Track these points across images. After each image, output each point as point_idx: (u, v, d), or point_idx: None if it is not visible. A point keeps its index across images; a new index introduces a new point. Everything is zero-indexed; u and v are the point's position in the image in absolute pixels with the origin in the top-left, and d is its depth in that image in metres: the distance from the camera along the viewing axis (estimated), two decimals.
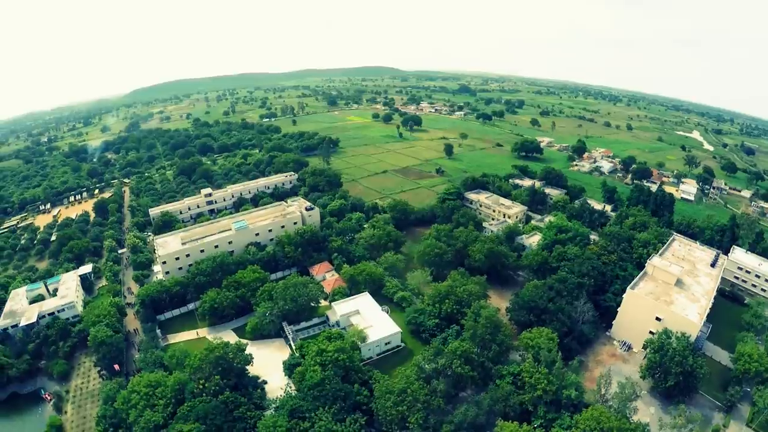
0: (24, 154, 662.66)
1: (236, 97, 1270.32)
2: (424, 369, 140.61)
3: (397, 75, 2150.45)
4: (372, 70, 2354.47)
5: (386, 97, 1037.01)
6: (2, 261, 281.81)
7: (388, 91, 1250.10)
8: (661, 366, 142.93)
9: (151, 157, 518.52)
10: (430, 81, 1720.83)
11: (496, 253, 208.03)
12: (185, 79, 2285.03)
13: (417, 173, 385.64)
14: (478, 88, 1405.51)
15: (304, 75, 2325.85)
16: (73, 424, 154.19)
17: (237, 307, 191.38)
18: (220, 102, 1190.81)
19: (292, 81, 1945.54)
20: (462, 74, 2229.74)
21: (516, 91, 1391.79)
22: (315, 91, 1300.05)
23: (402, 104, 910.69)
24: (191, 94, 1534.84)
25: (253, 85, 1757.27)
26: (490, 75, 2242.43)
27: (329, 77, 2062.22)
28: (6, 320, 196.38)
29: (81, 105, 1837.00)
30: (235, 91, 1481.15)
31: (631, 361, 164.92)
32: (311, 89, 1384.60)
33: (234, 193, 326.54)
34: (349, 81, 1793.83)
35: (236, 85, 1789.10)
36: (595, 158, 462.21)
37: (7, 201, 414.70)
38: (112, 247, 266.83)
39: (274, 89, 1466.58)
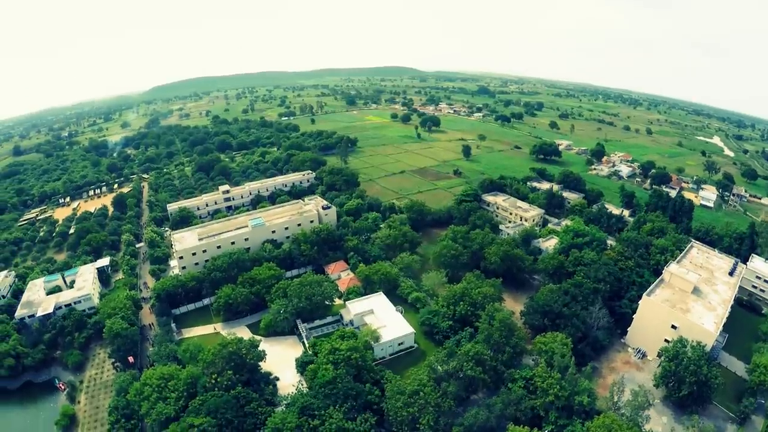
0: (44, 148, 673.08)
1: (255, 96, 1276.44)
2: (437, 371, 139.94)
3: (416, 75, 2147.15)
4: (391, 70, 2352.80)
5: (405, 98, 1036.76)
6: (21, 252, 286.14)
7: (407, 91, 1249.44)
8: (676, 375, 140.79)
9: (170, 153, 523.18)
10: (449, 82, 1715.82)
11: (511, 256, 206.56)
12: (205, 77, 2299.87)
13: (434, 174, 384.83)
14: (497, 90, 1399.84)
15: (323, 74, 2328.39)
16: (86, 414, 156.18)
17: (252, 303, 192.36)
18: (239, 100, 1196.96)
19: (312, 80, 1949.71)
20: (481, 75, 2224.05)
21: (535, 93, 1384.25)
22: (334, 91, 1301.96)
23: (420, 105, 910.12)
24: (211, 92, 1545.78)
25: (273, 83, 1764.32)
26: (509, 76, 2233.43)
27: (348, 77, 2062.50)
28: (23, 310, 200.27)
29: (102, 101, 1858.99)
30: (255, 90, 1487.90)
31: (646, 369, 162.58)
32: (330, 88, 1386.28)
33: (252, 191, 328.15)
34: (368, 81, 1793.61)
35: (256, 83, 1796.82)
36: (614, 162, 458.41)
37: (28, 194, 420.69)
38: (129, 241, 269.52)
39: (293, 88, 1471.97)
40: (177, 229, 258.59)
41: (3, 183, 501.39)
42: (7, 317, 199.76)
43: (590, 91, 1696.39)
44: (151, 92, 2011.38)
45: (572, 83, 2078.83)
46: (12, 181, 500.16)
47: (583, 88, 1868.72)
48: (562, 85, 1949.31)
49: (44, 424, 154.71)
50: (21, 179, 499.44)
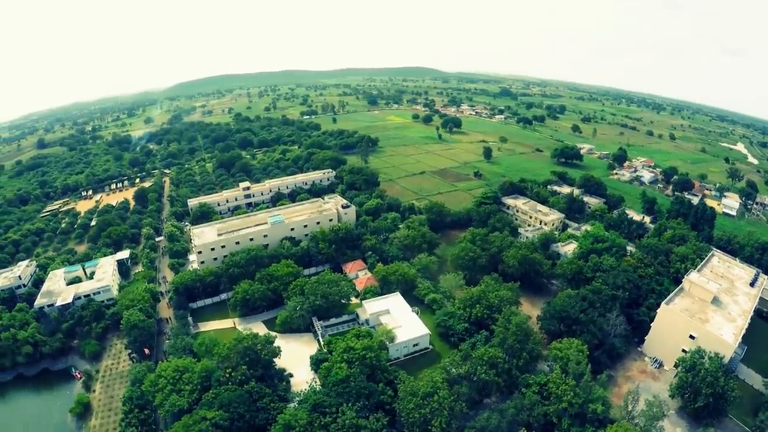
0: (68, 142, 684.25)
1: (278, 94, 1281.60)
2: (451, 373, 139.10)
3: (438, 76, 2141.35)
4: (413, 71, 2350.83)
5: (426, 98, 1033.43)
6: (43, 243, 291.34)
7: (428, 92, 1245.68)
8: (692, 386, 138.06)
9: (192, 149, 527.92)
10: (471, 83, 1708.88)
11: (530, 260, 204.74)
12: (228, 75, 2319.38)
13: (455, 175, 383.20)
14: (520, 92, 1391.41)
15: (345, 74, 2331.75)
16: (101, 403, 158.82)
17: (268, 299, 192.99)
18: (261, 98, 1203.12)
19: (334, 79, 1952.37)
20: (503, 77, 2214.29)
21: (558, 96, 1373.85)
22: (356, 90, 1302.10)
23: (442, 106, 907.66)
24: (233, 89, 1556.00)
25: (295, 82, 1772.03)
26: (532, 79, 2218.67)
27: (370, 76, 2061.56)
28: (43, 299, 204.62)
29: (125, 96, 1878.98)
30: (277, 88, 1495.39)
31: (662, 379, 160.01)
32: (352, 88, 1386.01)
33: (272, 188, 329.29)
34: (390, 81, 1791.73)
35: (278, 81, 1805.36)
36: (636, 167, 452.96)
37: (51, 186, 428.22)
38: (149, 235, 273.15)
39: (315, 87, 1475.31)
40: (197, 224, 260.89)
41: (27, 175, 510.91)
42: (26, 306, 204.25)
43: (613, 95, 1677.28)
44: (174, 89, 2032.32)
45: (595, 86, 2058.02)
46: (36, 173, 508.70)
47: (606, 91, 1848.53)
48: (585, 88, 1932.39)
49: (59, 411, 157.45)
50: (44, 172, 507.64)
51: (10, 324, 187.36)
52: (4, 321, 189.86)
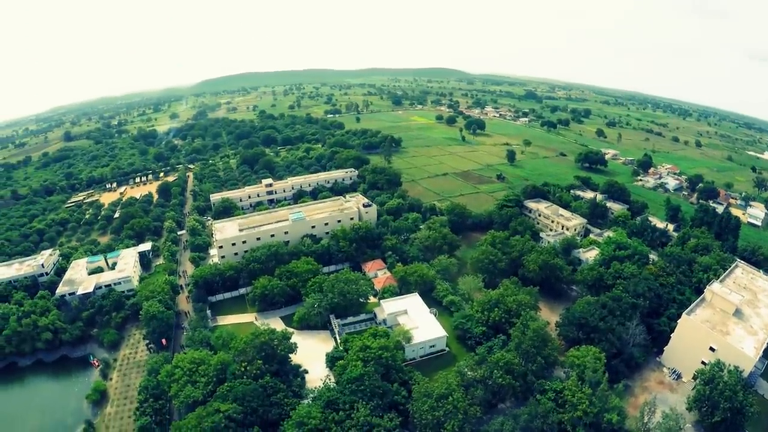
0: (94, 135, 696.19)
1: (302, 92, 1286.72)
2: (466, 376, 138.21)
3: (463, 78, 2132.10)
4: (438, 72, 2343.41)
5: (451, 100, 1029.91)
6: (66, 233, 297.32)
7: (453, 93, 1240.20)
8: (710, 399, 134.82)
9: (216, 145, 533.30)
10: (496, 85, 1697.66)
11: (551, 265, 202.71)
12: (253, 72, 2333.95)
13: (477, 178, 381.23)
14: (545, 95, 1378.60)
15: (370, 73, 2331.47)
16: (117, 391, 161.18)
17: (287, 295, 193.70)
18: (286, 96, 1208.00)
19: (359, 79, 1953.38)
20: (529, 80, 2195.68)
21: (583, 100, 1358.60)
22: (380, 90, 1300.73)
23: (466, 107, 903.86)
24: (258, 87, 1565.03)
25: (320, 81, 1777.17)
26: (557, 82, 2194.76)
27: (395, 77, 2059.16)
28: (64, 288, 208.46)
29: (152, 92, 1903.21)
30: (302, 86, 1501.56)
31: (679, 391, 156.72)
32: (377, 88, 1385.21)
33: (294, 185, 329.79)
34: (414, 81, 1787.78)
35: (303, 80, 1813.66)
36: (661, 174, 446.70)
37: (76, 178, 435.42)
38: (171, 228, 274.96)
39: (340, 86, 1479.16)
40: (218, 219, 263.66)
41: (53, 166, 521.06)
42: (48, 293, 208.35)
43: (639, 100, 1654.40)
44: (200, 85, 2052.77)
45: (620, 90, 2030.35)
46: (62, 165, 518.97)
47: (632, 96, 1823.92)
48: (611, 92, 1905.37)
49: (76, 397, 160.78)
50: (70, 164, 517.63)
51: (31, 310, 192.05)
52: (25, 307, 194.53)
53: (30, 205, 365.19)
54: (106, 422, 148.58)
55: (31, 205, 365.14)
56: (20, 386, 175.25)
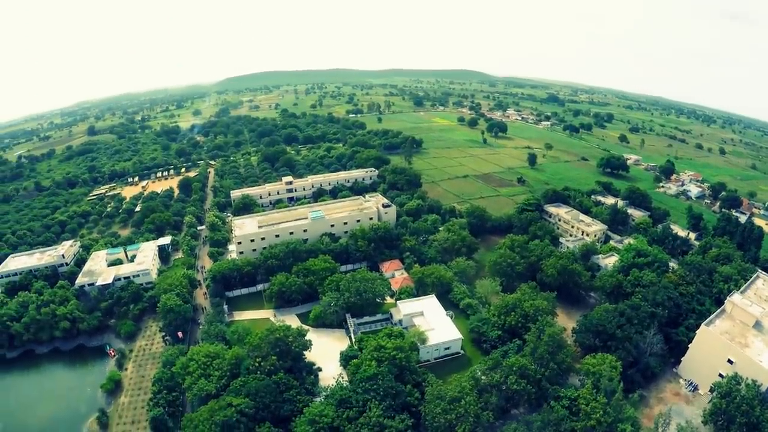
0: (118, 130, 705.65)
1: (324, 92, 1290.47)
2: (480, 380, 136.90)
3: (485, 80, 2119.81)
4: (460, 73, 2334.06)
5: (473, 102, 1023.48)
6: (88, 225, 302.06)
7: (475, 95, 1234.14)
8: (726, 413, 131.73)
9: (238, 142, 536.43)
10: (519, 88, 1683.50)
11: (569, 270, 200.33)
12: (276, 71, 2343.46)
13: (498, 181, 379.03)
14: (567, 99, 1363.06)
15: (392, 74, 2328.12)
16: (131, 381, 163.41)
17: (304, 293, 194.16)
18: (308, 95, 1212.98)
19: (381, 79, 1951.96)
20: (551, 83, 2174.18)
21: (605, 104, 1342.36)
22: (402, 91, 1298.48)
23: (488, 110, 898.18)
24: (281, 86, 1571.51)
25: (342, 80, 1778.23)
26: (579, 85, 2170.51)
27: (417, 78, 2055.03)
28: (84, 278, 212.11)
29: (175, 89, 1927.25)
30: (324, 86, 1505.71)
31: (695, 404, 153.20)
32: (398, 88, 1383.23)
33: (314, 184, 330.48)
34: (436, 82, 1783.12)
35: (325, 79, 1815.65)
36: (683, 181, 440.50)
37: (99, 171, 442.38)
38: (191, 223, 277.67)
39: (362, 86, 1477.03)
40: (238, 216, 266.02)
41: (76, 159, 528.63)
42: (68, 283, 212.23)
43: (663, 105, 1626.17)
44: (223, 83, 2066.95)
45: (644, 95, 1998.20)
46: (85, 158, 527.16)
47: (655, 101, 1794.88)
48: (634, 96, 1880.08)
49: (91, 386, 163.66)
50: (93, 157, 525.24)
51: (50, 300, 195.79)
52: (45, 296, 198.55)
53: (53, 196, 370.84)
54: (120, 411, 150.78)
55: (53, 196, 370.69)
56: (37, 373, 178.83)
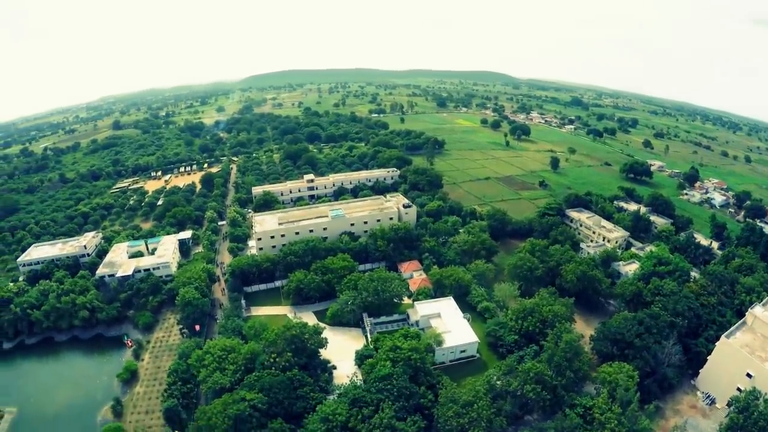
0: (142, 125, 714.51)
1: (347, 91, 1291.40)
2: (495, 385, 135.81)
3: (508, 82, 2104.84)
4: (484, 75, 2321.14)
5: (496, 104, 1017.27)
6: (110, 217, 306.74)
7: (498, 97, 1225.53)
8: (742, 429, 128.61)
9: (261, 139, 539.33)
10: (542, 91, 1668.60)
11: (589, 277, 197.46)
12: (300, 69, 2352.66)
13: (519, 184, 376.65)
14: (591, 102, 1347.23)
15: (415, 74, 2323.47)
16: (147, 372, 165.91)
17: (321, 291, 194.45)
18: (331, 94, 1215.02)
19: (404, 79, 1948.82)
20: (575, 86, 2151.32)
21: (630, 109, 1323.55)
22: (425, 91, 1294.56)
23: (511, 112, 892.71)
24: (304, 84, 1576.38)
25: (365, 80, 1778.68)
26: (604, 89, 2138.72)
27: (440, 78, 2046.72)
28: (104, 269, 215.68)
29: (199, 86, 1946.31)
30: (347, 85, 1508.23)
31: (712, 417, 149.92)
32: (422, 89, 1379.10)
33: (335, 182, 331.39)
34: (460, 84, 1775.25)
35: (349, 79, 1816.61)
36: (707, 189, 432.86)
37: (123, 165, 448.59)
38: (212, 218, 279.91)
39: (385, 86, 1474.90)
40: (259, 212, 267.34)
41: (101, 153, 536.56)
42: (88, 274, 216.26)
43: (688, 111, 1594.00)
44: (247, 80, 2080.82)
45: (669, 101, 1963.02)
46: (109, 152, 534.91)
47: (681, 106, 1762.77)
48: (659, 102, 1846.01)
49: (107, 375, 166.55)
50: (118, 151, 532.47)
51: (70, 289, 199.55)
52: (65, 285, 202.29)
53: (76, 188, 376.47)
54: (134, 401, 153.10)
55: (77, 188, 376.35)
56: (55, 360, 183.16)
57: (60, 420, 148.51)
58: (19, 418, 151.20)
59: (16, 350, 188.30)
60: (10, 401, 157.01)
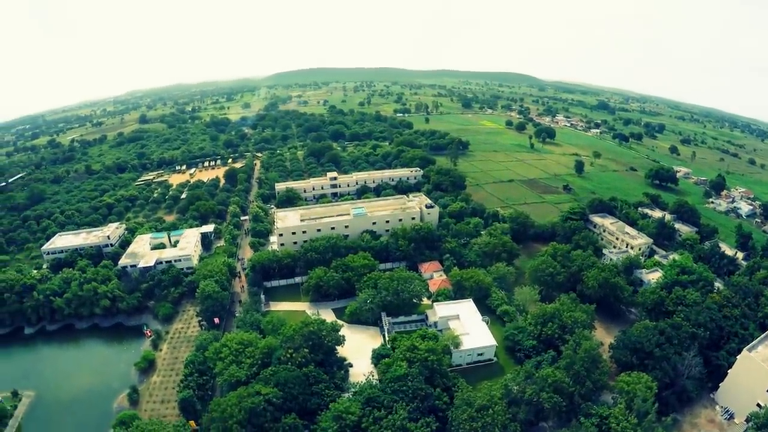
0: (168, 120, 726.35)
1: (373, 90, 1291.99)
2: (511, 391, 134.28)
3: (534, 84, 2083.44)
4: (509, 77, 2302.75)
5: (521, 106, 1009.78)
6: (134, 209, 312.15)
7: (524, 99, 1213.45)
8: None
9: (285, 136, 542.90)
10: (568, 93, 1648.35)
11: (611, 283, 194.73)
12: (326, 68, 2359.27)
13: (543, 187, 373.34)
14: (618, 106, 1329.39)
15: (441, 75, 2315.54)
16: (165, 362, 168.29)
17: (341, 288, 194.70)
18: (356, 93, 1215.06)
19: (429, 79, 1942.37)
20: (602, 89, 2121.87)
21: (657, 114, 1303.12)
22: (450, 92, 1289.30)
23: (537, 114, 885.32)
24: (330, 83, 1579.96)
25: (391, 79, 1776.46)
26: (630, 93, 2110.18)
27: (466, 79, 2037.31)
28: (127, 260, 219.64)
29: (226, 82, 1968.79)
30: (373, 84, 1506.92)
31: None
32: (447, 89, 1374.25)
33: (358, 180, 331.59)
34: (485, 85, 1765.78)
35: (374, 78, 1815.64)
36: (734, 198, 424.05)
37: (148, 158, 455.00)
38: (235, 213, 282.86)
39: (410, 86, 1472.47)
40: (281, 208, 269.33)
41: (127, 146, 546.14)
42: (111, 263, 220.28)
43: (716, 117, 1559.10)
44: (273, 77, 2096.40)
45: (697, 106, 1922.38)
46: (135, 145, 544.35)
47: (708, 112, 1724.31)
48: (686, 107, 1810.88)
49: (125, 363, 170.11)
50: (143, 144, 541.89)
51: (93, 278, 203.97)
52: (88, 274, 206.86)
53: (102, 180, 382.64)
54: (151, 390, 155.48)
55: (102, 180, 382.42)
56: (75, 347, 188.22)
57: (76, 405, 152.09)
58: (37, 402, 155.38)
59: (37, 336, 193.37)
60: (29, 385, 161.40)
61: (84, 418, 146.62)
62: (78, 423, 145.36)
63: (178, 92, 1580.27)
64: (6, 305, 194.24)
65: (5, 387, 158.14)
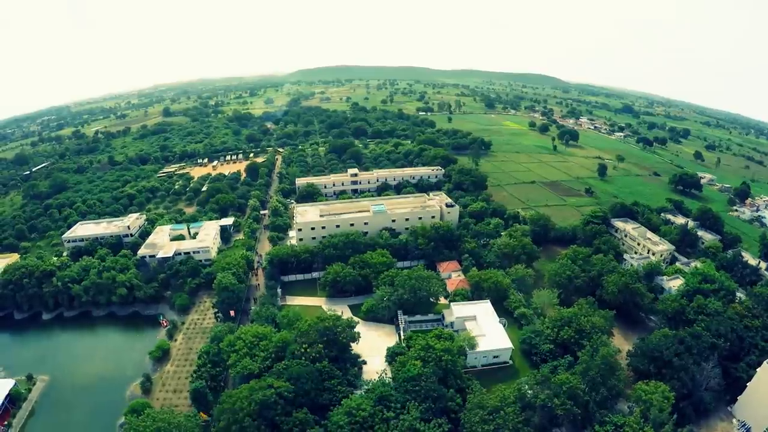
0: (192, 113, 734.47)
1: (396, 88, 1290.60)
2: (526, 395, 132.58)
3: (558, 86, 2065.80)
4: (533, 78, 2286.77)
5: (545, 107, 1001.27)
6: (155, 200, 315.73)
7: (547, 100, 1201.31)
8: None
9: (307, 132, 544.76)
10: (593, 96, 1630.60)
11: (631, 289, 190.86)
12: (349, 65, 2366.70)
13: (565, 189, 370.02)
14: (642, 110, 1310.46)
15: (464, 74, 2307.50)
16: (179, 352, 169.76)
17: (358, 285, 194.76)
18: (379, 90, 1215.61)
19: (453, 79, 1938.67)
20: (626, 92, 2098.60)
21: (682, 119, 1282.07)
22: (474, 92, 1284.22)
23: (560, 116, 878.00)
24: (353, 80, 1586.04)
25: (414, 78, 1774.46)
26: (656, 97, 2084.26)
27: (490, 79, 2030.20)
28: (146, 250, 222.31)
29: (249, 77, 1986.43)
30: (396, 82, 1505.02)
31: None
32: (470, 89, 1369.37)
33: (379, 178, 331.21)
34: (509, 85, 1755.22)
35: (397, 76, 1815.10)
36: (758, 206, 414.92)
37: (170, 150, 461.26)
38: (255, 207, 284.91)
39: (433, 85, 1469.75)
40: (301, 203, 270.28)
41: (150, 138, 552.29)
42: (130, 253, 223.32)
43: (742, 124, 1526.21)
44: (296, 74, 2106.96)
45: (723, 112, 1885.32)
46: (158, 137, 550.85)
47: (734, 118, 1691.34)
48: (712, 112, 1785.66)
49: (140, 352, 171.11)
50: (166, 137, 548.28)
51: (111, 266, 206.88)
52: (107, 263, 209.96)
53: (124, 171, 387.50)
54: (164, 379, 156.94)
55: (125, 171, 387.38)
56: (91, 334, 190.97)
57: (90, 391, 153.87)
58: (51, 386, 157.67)
59: (54, 322, 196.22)
60: (45, 369, 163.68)
61: (97, 404, 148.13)
62: (90, 409, 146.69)
63: (202, 86, 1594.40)
64: (25, 290, 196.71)
65: (21, 371, 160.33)
